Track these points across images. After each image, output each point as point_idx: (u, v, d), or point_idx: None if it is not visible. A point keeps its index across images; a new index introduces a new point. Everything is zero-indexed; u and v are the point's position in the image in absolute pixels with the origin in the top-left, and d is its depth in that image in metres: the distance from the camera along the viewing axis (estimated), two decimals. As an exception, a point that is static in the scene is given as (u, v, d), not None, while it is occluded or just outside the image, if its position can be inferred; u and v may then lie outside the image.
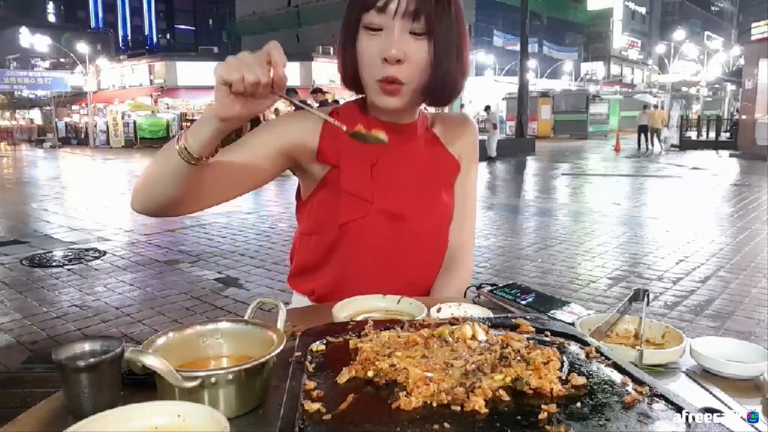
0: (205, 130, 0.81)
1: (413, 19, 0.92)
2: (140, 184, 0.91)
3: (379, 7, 0.92)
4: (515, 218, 7.41)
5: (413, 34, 0.94)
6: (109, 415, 0.52)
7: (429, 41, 0.95)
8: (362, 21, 0.95)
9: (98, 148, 23.53)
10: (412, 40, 0.94)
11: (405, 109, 1.04)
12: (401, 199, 1.07)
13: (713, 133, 20.55)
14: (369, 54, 0.95)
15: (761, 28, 17.54)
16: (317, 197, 1.07)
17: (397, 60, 0.93)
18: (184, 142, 0.82)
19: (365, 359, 0.64)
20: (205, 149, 0.83)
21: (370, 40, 0.95)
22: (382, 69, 0.94)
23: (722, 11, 71.09)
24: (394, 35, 0.92)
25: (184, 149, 0.82)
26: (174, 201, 0.90)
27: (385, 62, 0.93)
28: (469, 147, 1.17)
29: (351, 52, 0.98)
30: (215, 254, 5.27)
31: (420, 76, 0.97)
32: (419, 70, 0.96)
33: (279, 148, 1.01)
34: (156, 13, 71.71)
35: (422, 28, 0.93)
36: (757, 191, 9.19)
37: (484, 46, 41.76)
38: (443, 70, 0.97)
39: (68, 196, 9.93)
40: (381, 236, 1.05)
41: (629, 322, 0.87)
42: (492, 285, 1.06)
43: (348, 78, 1.02)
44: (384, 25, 0.93)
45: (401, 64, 0.94)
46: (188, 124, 13.60)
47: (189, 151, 0.82)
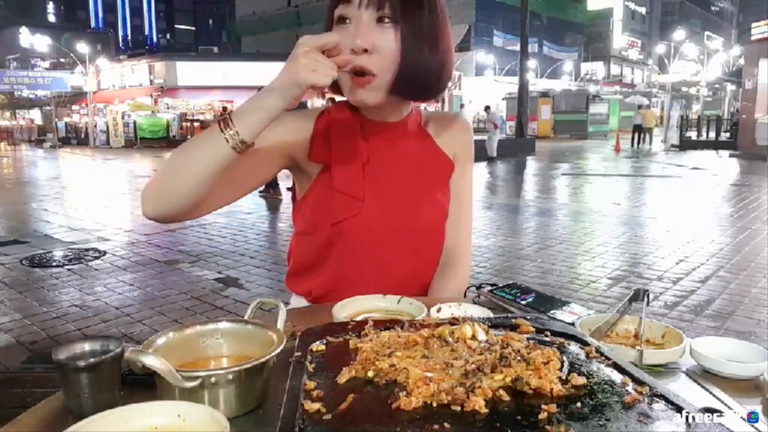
0: (262, 116, 0.81)
1: (378, 8, 0.91)
2: (157, 185, 0.87)
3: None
4: (515, 218, 7.41)
5: (380, 22, 0.92)
6: (109, 415, 0.52)
7: (396, 29, 0.93)
8: (335, 16, 0.94)
9: (98, 148, 23.53)
10: (379, 28, 0.92)
11: (389, 106, 1.03)
12: (394, 197, 1.06)
13: (713, 133, 20.56)
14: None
15: (761, 28, 17.54)
16: (311, 197, 1.07)
17: (364, 50, 0.91)
18: (234, 129, 0.80)
19: (365, 359, 0.64)
20: (256, 136, 0.83)
21: (341, 34, 0.92)
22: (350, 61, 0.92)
23: (722, 11, 71.09)
24: (361, 25, 0.91)
25: (236, 136, 0.80)
26: (193, 201, 0.86)
27: (353, 53, 0.91)
28: (463, 146, 1.16)
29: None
30: (215, 254, 5.27)
31: (391, 66, 0.94)
32: (389, 60, 0.93)
33: (279, 147, 1.01)
34: (156, 13, 71.72)
35: (389, 14, 0.92)
36: (757, 191, 9.19)
37: (484, 46, 41.75)
38: (413, 59, 0.94)
39: (68, 196, 9.94)
40: (374, 234, 1.05)
41: (629, 322, 0.87)
42: (492, 285, 1.06)
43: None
44: (351, 16, 0.92)
45: (370, 54, 0.92)
46: (188, 124, 13.57)
47: (242, 139, 0.81)
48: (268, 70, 27.10)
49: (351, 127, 1.06)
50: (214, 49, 34.57)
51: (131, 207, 8.48)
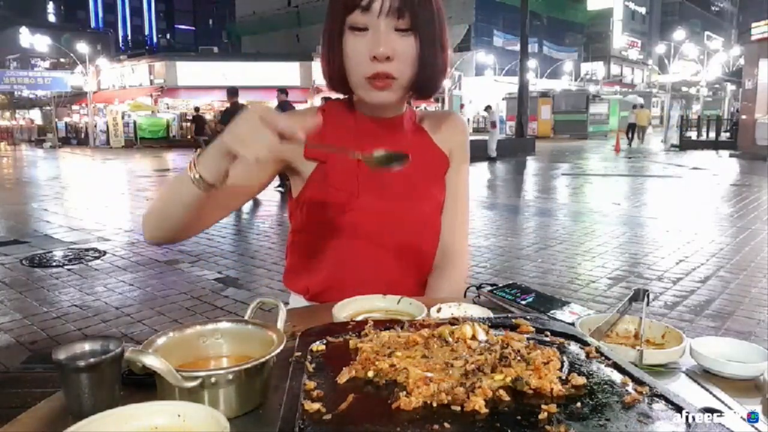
0: (220, 166, 0.79)
1: (398, 17, 0.94)
2: (150, 216, 0.94)
3: (364, 7, 0.94)
4: (515, 218, 7.41)
5: (398, 30, 0.96)
6: (109, 415, 0.52)
7: (414, 37, 0.97)
8: (347, 22, 0.96)
9: (98, 148, 23.54)
10: (398, 36, 0.96)
11: (393, 104, 1.06)
12: (388, 192, 1.07)
13: (713, 133, 20.57)
14: (357, 53, 0.97)
15: (761, 28, 17.52)
16: (306, 194, 1.08)
17: (386, 57, 0.95)
18: (197, 172, 0.80)
19: (365, 359, 0.64)
20: (221, 179, 0.81)
21: (356, 40, 0.96)
22: (372, 66, 0.96)
23: (722, 11, 71.09)
24: (381, 33, 0.94)
25: (199, 179, 0.80)
26: (187, 226, 0.93)
27: (374, 60, 0.95)
28: (459, 144, 1.18)
29: (337, 54, 0.99)
30: (215, 254, 5.27)
31: (409, 70, 0.99)
32: (408, 64, 0.98)
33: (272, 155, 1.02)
34: (156, 13, 71.74)
35: (407, 24, 0.95)
36: (757, 191, 9.19)
37: (484, 46, 41.77)
38: (430, 63, 1.00)
39: (68, 196, 9.94)
40: (369, 230, 1.06)
41: (629, 322, 0.87)
42: (492, 285, 1.06)
43: (335, 80, 1.03)
44: (369, 24, 0.95)
45: (390, 61, 0.96)
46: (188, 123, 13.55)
47: (205, 181, 0.80)
48: (268, 70, 27.19)
49: (345, 123, 1.08)
50: (214, 49, 34.55)
51: (131, 207, 8.48)
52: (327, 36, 1.00)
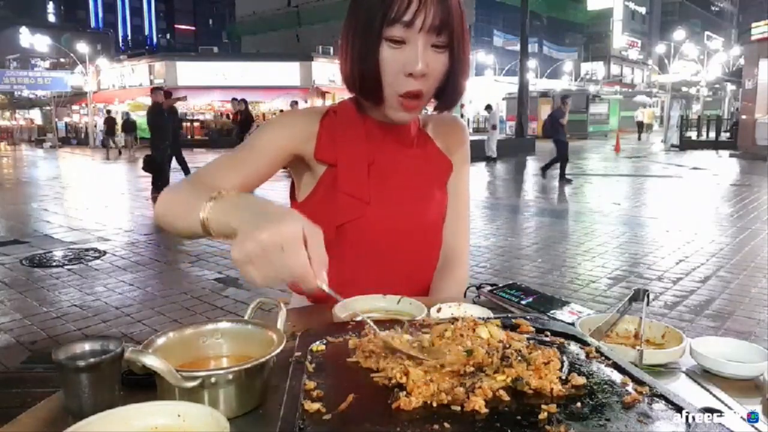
0: (226, 232, 0.71)
1: (437, 34, 0.93)
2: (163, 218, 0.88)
3: (406, 22, 0.91)
4: (515, 218, 7.41)
5: (435, 47, 0.94)
6: (109, 415, 0.52)
7: (448, 53, 0.96)
8: (384, 33, 0.93)
9: (98, 148, 23.52)
10: (433, 52, 0.94)
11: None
12: (397, 198, 1.07)
13: (713, 133, 20.59)
14: (392, 68, 0.94)
15: (761, 28, 17.52)
16: (315, 198, 1.07)
17: (422, 75, 0.94)
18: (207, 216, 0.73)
19: (370, 351, 0.65)
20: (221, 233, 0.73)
21: (393, 54, 0.93)
22: (405, 83, 0.95)
23: (722, 11, 71.06)
24: (419, 49, 0.92)
25: (206, 220, 0.73)
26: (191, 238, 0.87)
27: (409, 77, 0.94)
28: (460, 148, 1.18)
29: (373, 63, 0.95)
30: (215, 254, 5.27)
31: (435, 85, 0.98)
32: (435, 80, 0.97)
33: (285, 148, 1.02)
34: (156, 13, 71.72)
35: (444, 41, 0.94)
36: (757, 191, 9.19)
37: (484, 46, 41.73)
38: (457, 77, 0.99)
39: (68, 196, 9.94)
40: (378, 236, 1.05)
41: (629, 322, 0.87)
42: (492, 285, 1.06)
43: (367, 89, 0.99)
44: (408, 38, 0.93)
45: (424, 78, 0.95)
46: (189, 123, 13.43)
47: (209, 230, 0.74)
48: (268, 70, 27.19)
49: (356, 128, 1.07)
50: (214, 49, 34.51)
51: (131, 207, 8.48)
52: (359, 44, 0.95)
